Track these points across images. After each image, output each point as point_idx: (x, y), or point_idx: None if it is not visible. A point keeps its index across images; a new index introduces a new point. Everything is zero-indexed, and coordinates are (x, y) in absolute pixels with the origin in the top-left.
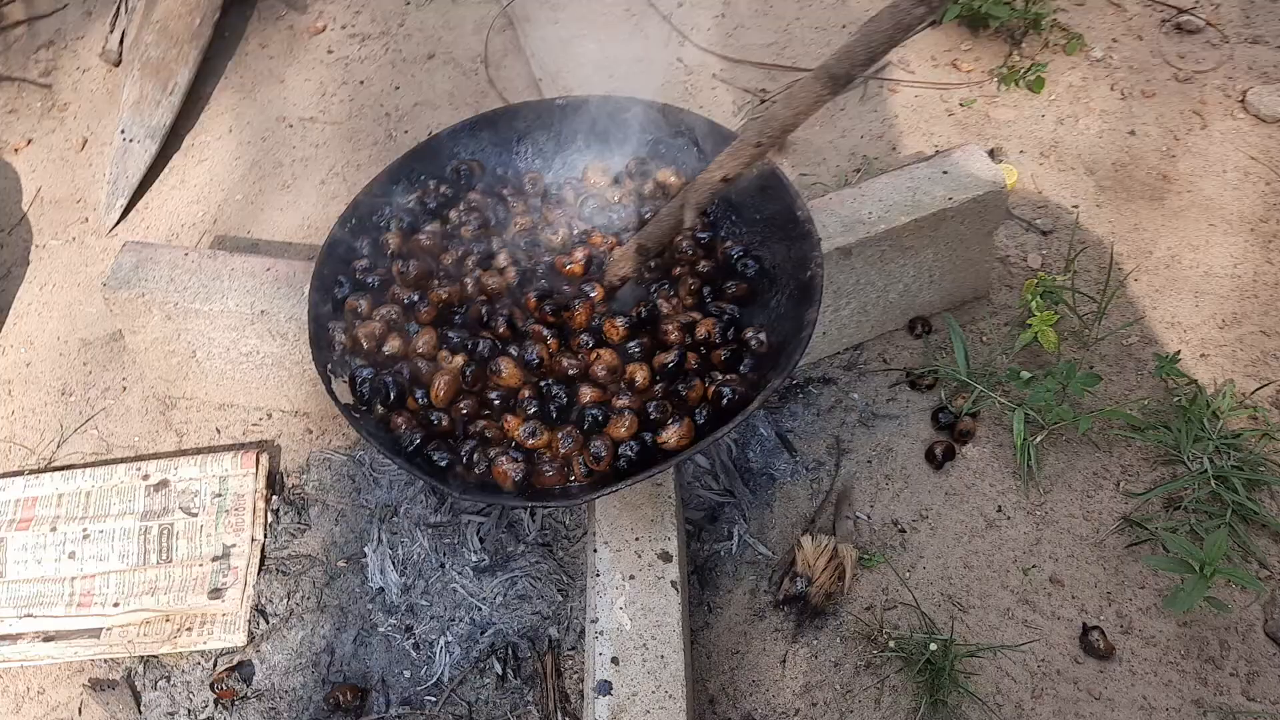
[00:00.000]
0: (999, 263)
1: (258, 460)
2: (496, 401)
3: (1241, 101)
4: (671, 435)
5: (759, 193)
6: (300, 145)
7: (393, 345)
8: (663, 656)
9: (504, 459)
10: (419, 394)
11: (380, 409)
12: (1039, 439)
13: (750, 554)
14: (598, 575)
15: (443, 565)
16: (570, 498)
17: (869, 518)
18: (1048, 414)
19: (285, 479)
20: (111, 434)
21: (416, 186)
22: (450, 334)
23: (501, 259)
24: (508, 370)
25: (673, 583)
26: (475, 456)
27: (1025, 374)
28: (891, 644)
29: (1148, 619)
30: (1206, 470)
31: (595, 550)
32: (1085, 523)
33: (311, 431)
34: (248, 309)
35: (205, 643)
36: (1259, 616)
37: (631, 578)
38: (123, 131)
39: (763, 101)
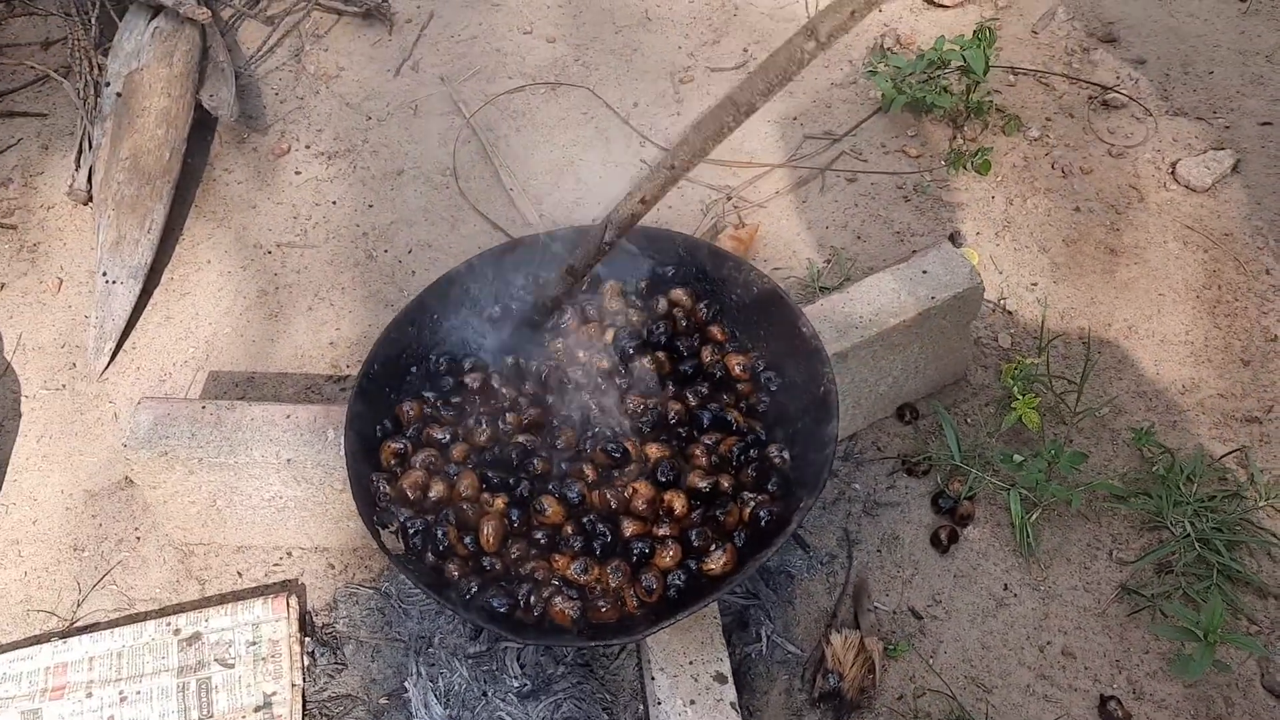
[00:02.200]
0: (973, 344)
1: (288, 604)
2: (543, 540)
3: (1172, 173)
4: (716, 563)
5: (761, 310)
6: (281, 272)
7: (437, 491)
8: None
9: (559, 598)
10: (467, 540)
11: (431, 558)
12: (1034, 516)
13: (780, 653)
14: (659, 703)
15: (485, 694)
16: (630, 633)
17: (892, 610)
18: (1040, 492)
19: (315, 619)
20: (131, 587)
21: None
22: (490, 474)
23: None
24: (552, 509)
25: (731, 704)
26: (532, 599)
27: (1017, 457)
28: None
29: (1156, 683)
30: (1190, 534)
31: (653, 678)
32: (1086, 594)
33: (334, 567)
34: (273, 458)
35: None
36: (1255, 671)
37: (692, 702)
38: (104, 274)
39: (728, 199)
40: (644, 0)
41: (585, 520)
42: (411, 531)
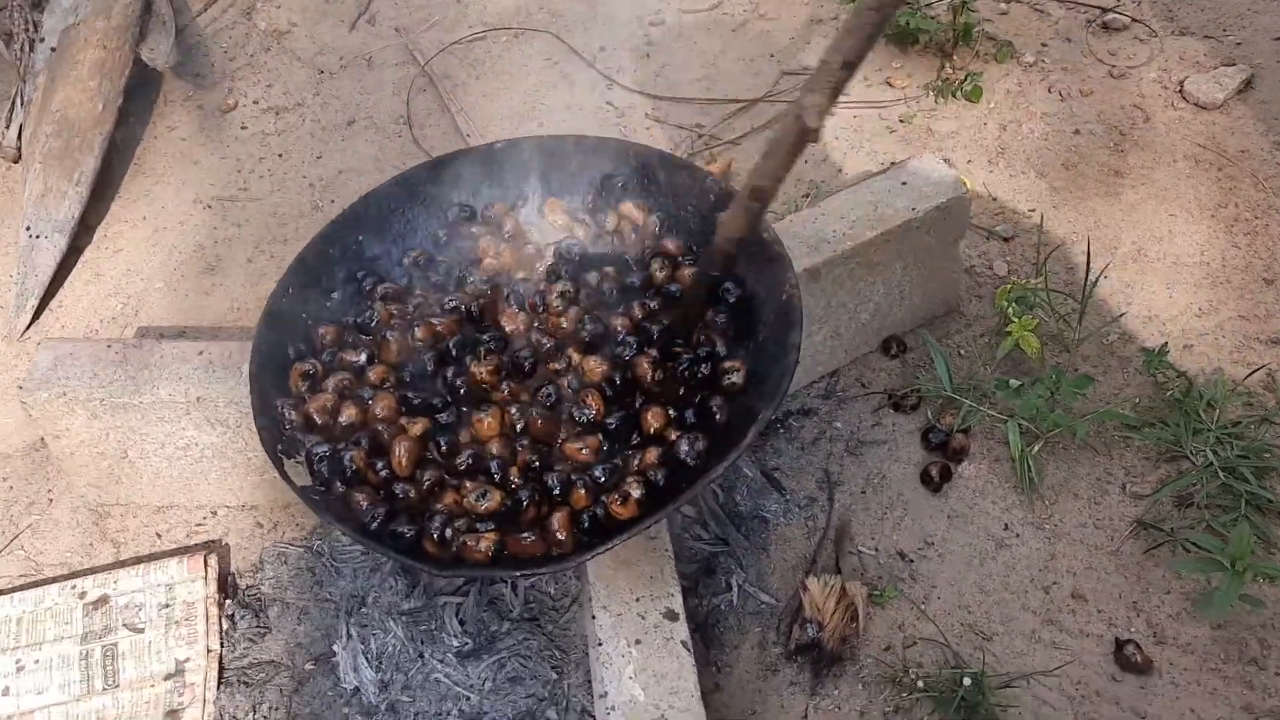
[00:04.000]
0: (966, 274)
1: (205, 562)
2: (463, 467)
3: (1180, 91)
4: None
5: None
6: (221, 226)
7: (348, 415)
8: None
9: (475, 530)
10: (379, 466)
11: (340, 487)
12: (1036, 449)
13: (753, 604)
14: (600, 644)
15: (422, 655)
16: (559, 562)
17: (875, 551)
18: (1042, 422)
19: (238, 580)
20: (40, 552)
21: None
22: (410, 395)
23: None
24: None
25: (683, 643)
26: (449, 534)
27: (1014, 382)
28: (920, 684)
29: (1180, 625)
30: (1212, 463)
31: (594, 617)
32: (1097, 531)
33: (262, 525)
34: (181, 396)
35: None
36: None
37: (638, 642)
38: (28, 228)
39: (700, 136)
40: None
41: (519, 445)
42: (316, 458)
